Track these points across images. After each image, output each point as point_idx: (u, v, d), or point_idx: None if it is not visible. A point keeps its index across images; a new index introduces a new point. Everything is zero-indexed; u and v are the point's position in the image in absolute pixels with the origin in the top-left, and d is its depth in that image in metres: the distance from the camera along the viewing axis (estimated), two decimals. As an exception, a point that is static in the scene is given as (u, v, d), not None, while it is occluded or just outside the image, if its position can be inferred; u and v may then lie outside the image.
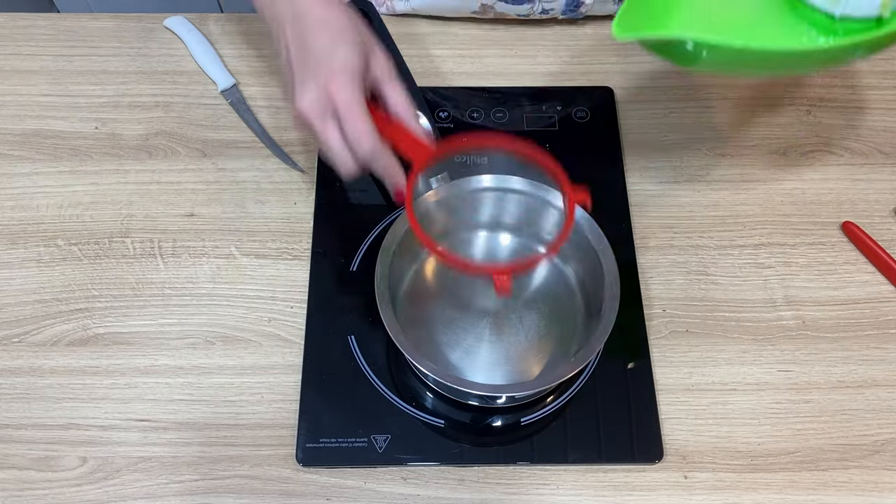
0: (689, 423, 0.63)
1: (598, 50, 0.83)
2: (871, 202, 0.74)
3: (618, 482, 0.61)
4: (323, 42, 0.56)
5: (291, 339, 0.66)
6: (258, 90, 0.79)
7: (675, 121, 0.78)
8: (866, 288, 0.69)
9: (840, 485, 0.61)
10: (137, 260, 0.70)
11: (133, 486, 0.60)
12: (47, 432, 0.62)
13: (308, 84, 0.56)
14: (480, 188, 0.66)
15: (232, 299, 0.68)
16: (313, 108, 0.56)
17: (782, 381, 0.65)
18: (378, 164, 0.57)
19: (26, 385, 0.64)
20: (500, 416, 0.64)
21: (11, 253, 0.70)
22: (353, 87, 0.55)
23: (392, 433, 0.62)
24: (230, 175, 0.74)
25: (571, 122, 0.77)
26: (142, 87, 0.79)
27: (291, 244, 0.71)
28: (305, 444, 0.61)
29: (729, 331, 0.67)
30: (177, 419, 0.63)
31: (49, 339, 0.66)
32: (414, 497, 0.60)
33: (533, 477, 0.61)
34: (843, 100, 0.79)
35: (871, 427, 0.63)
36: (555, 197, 0.64)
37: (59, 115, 0.77)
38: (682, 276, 0.70)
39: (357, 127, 0.55)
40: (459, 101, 0.78)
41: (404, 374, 0.65)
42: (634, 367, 0.65)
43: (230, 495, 0.60)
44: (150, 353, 0.66)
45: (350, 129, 0.55)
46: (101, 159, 0.75)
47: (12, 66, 0.80)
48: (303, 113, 0.56)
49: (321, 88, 0.55)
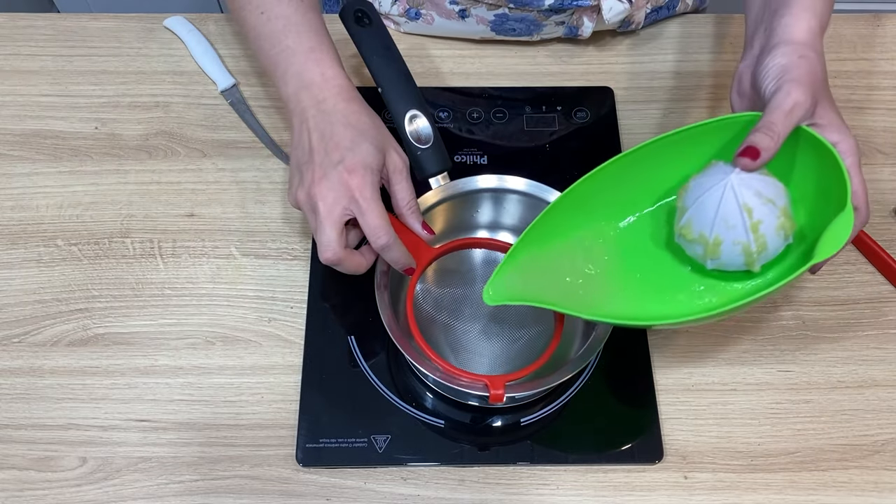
0: (689, 423, 0.63)
1: (598, 50, 0.83)
2: (871, 202, 0.73)
3: (618, 482, 0.61)
4: (346, 136, 0.59)
5: (291, 339, 0.66)
6: (258, 90, 0.79)
7: (675, 121, 0.78)
8: (866, 288, 0.69)
9: (840, 485, 0.61)
10: (137, 260, 0.70)
11: (133, 487, 0.60)
12: (47, 432, 0.62)
13: (326, 170, 0.58)
14: (480, 188, 0.66)
15: (232, 299, 0.68)
16: (326, 191, 0.58)
17: (782, 381, 0.65)
18: (392, 253, 0.60)
19: (26, 385, 0.64)
20: (500, 416, 0.64)
21: (11, 253, 0.70)
22: (373, 183, 0.58)
23: (392, 433, 0.62)
24: (230, 175, 0.74)
25: (571, 122, 0.77)
26: (142, 87, 0.79)
27: (291, 244, 0.71)
28: (305, 445, 0.61)
29: (729, 331, 0.67)
30: (177, 419, 0.63)
31: (49, 339, 0.66)
32: (414, 497, 0.60)
33: (533, 477, 0.61)
34: (842, 100, 0.79)
35: (871, 427, 0.63)
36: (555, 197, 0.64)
37: (58, 116, 0.77)
38: (682, 277, 0.70)
39: (375, 221, 0.58)
40: (459, 101, 0.78)
41: (404, 374, 0.65)
42: (634, 367, 0.65)
43: (230, 495, 0.60)
44: (150, 354, 0.65)
45: (369, 222, 0.58)
46: (101, 159, 0.75)
47: (12, 66, 0.80)
48: (312, 194, 0.58)
49: (341, 177, 0.58)
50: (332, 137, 0.60)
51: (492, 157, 0.75)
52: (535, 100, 0.79)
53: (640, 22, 0.81)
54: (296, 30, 0.63)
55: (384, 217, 0.58)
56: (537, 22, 0.78)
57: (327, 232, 0.58)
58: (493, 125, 0.77)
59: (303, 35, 0.63)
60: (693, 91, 0.80)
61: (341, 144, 0.59)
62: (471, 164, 0.75)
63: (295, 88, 0.62)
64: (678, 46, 0.83)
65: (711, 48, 0.83)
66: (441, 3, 0.78)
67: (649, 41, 0.84)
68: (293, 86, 0.62)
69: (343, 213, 0.58)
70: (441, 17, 0.80)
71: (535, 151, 0.76)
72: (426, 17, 0.80)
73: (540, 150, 0.76)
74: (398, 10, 0.81)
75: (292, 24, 0.64)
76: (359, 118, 0.61)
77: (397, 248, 0.59)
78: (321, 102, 0.61)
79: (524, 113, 0.78)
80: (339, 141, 0.59)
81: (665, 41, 0.84)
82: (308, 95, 0.61)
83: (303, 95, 0.62)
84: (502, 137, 0.76)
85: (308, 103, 0.61)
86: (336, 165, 0.58)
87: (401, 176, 0.61)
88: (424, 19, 0.81)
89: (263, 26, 0.65)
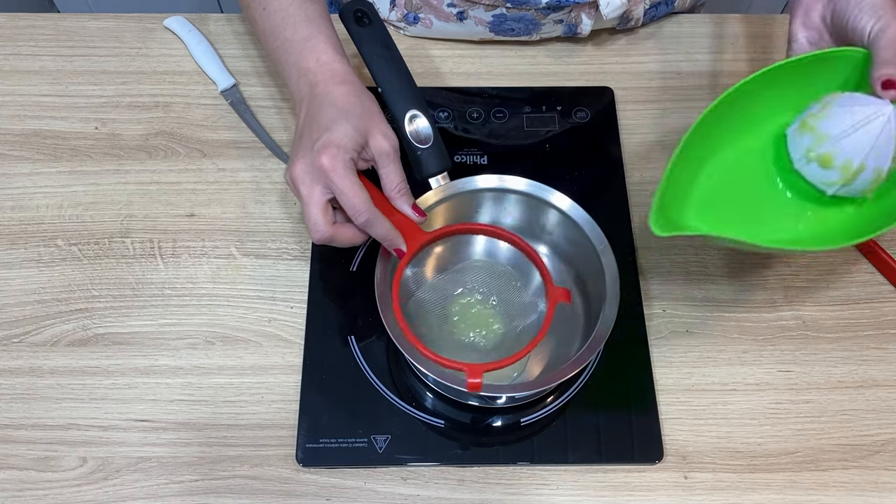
0: (689, 424, 0.63)
1: (598, 50, 0.83)
2: (871, 202, 0.74)
3: (618, 482, 0.61)
4: (327, 117, 0.60)
5: (291, 339, 0.66)
6: (258, 90, 0.79)
7: (675, 121, 0.78)
8: (866, 288, 0.69)
9: (840, 485, 0.61)
10: (137, 260, 0.70)
11: (133, 487, 0.60)
12: (47, 432, 0.62)
13: (304, 152, 0.59)
14: (480, 188, 0.66)
15: (232, 299, 0.68)
16: (302, 174, 0.58)
17: (782, 382, 0.65)
18: (376, 230, 0.59)
19: (26, 385, 0.64)
20: (500, 416, 0.64)
21: (11, 253, 0.70)
22: (345, 161, 0.58)
23: (392, 433, 0.62)
24: (230, 175, 0.74)
25: (571, 122, 0.77)
26: (141, 87, 0.79)
27: (291, 244, 0.71)
28: (305, 445, 0.61)
29: (729, 331, 0.67)
30: (177, 419, 0.63)
31: (49, 339, 0.66)
32: (414, 497, 0.60)
33: (533, 477, 0.61)
34: (843, 100, 0.79)
35: (871, 427, 0.63)
36: (555, 197, 0.64)
37: (58, 115, 0.77)
38: (682, 276, 0.70)
39: (351, 200, 0.58)
40: (459, 101, 0.78)
41: (404, 374, 0.65)
42: (634, 367, 0.65)
43: (230, 495, 0.60)
44: (150, 354, 0.66)
45: (345, 200, 0.58)
46: (101, 159, 0.75)
47: (12, 66, 0.80)
48: (293, 177, 0.59)
49: (314, 158, 0.58)
50: (315, 119, 0.60)
51: (491, 157, 0.75)
52: (534, 99, 0.79)
53: (639, 18, 0.81)
54: (292, 21, 0.64)
55: (361, 194, 0.58)
56: (536, 21, 0.78)
57: (312, 213, 0.59)
58: (492, 125, 0.77)
59: (299, 25, 0.64)
60: (693, 91, 0.80)
61: (321, 125, 0.59)
62: (471, 164, 0.75)
63: (296, 78, 0.63)
64: (678, 46, 0.83)
65: (711, 48, 0.83)
66: (439, 7, 0.78)
67: (649, 41, 0.84)
68: (294, 76, 0.64)
69: (323, 193, 0.58)
70: (439, 21, 0.80)
71: (534, 151, 0.76)
72: (424, 21, 0.80)
73: (540, 149, 0.76)
74: (396, 15, 0.81)
75: (289, 15, 0.65)
76: (346, 99, 0.61)
77: (380, 224, 0.59)
78: (314, 86, 0.62)
79: (524, 113, 0.78)
80: (320, 121, 0.60)
81: (665, 41, 0.84)
82: (305, 82, 0.62)
83: (301, 84, 0.63)
84: (502, 137, 0.76)
85: (305, 90, 0.62)
86: (313, 146, 0.59)
87: (388, 159, 0.61)
88: (423, 23, 0.81)
89: (265, 21, 0.66)
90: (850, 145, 0.57)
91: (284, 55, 0.64)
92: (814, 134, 0.58)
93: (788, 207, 0.62)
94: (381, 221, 0.59)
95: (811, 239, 0.61)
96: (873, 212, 0.60)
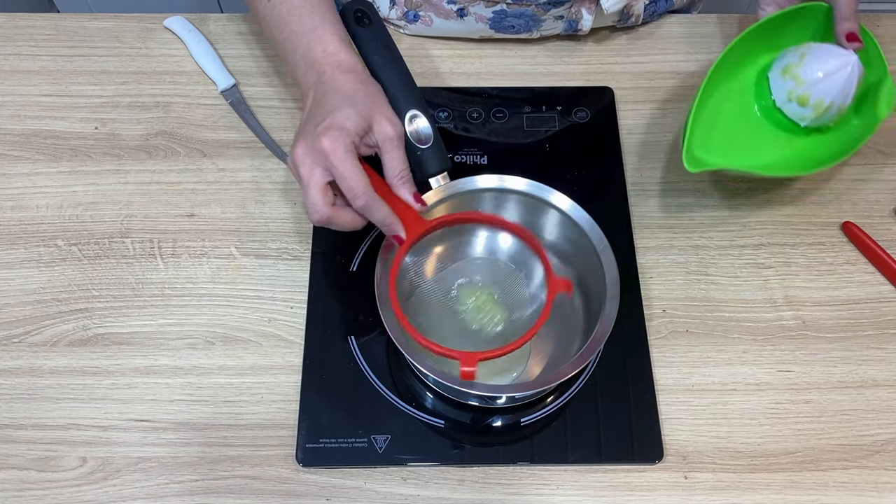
0: (689, 424, 0.63)
1: (598, 50, 0.83)
2: (871, 202, 0.74)
3: (618, 482, 0.61)
4: (331, 103, 0.60)
5: (291, 339, 0.66)
6: (258, 90, 0.79)
7: (675, 121, 0.78)
8: (866, 288, 0.69)
9: (840, 485, 0.61)
10: (137, 260, 0.70)
11: (133, 487, 0.60)
12: (47, 432, 0.62)
13: (306, 135, 0.59)
14: (480, 188, 0.66)
15: (232, 299, 0.68)
16: (303, 155, 0.59)
17: (782, 382, 0.65)
18: (374, 215, 0.59)
19: (26, 385, 0.64)
20: (500, 416, 0.64)
21: (11, 253, 0.70)
22: (345, 144, 0.58)
23: (392, 433, 0.62)
24: (230, 175, 0.74)
25: (571, 121, 0.77)
26: (141, 87, 0.79)
27: (291, 244, 0.71)
28: (305, 445, 0.61)
29: (729, 331, 0.67)
30: (177, 419, 0.63)
31: (49, 339, 0.66)
32: (414, 497, 0.60)
33: (533, 477, 0.61)
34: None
35: (871, 427, 0.63)
36: (555, 197, 0.64)
37: (58, 116, 0.77)
38: (682, 276, 0.70)
39: (349, 182, 0.58)
40: (459, 101, 0.78)
41: (404, 374, 0.65)
42: (634, 367, 0.65)
43: (230, 495, 0.60)
44: (150, 354, 0.66)
45: (343, 183, 0.58)
46: (101, 159, 0.75)
47: (12, 66, 0.80)
48: (293, 159, 0.59)
49: (315, 140, 0.58)
50: (320, 105, 0.60)
51: (491, 157, 0.75)
52: (534, 99, 0.79)
53: (639, 14, 0.81)
54: (298, 13, 0.65)
55: (360, 177, 0.58)
56: (536, 17, 0.78)
57: (311, 194, 0.59)
58: (492, 125, 0.77)
59: (305, 17, 0.64)
60: (693, 91, 0.80)
61: (326, 109, 0.60)
62: (471, 164, 0.75)
63: (303, 69, 0.64)
64: (678, 46, 0.83)
65: (711, 48, 0.83)
66: (439, 4, 0.78)
67: (649, 41, 0.84)
68: (301, 67, 0.64)
69: (323, 175, 0.58)
70: (440, 18, 0.80)
71: (534, 151, 0.76)
72: (424, 19, 0.80)
73: (540, 149, 0.76)
74: (396, 13, 0.81)
75: (295, 7, 0.65)
76: (352, 86, 0.61)
77: (378, 208, 0.59)
78: (321, 75, 0.62)
79: (524, 112, 0.78)
80: (325, 106, 0.60)
81: (665, 41, 0.84)
82: (312, 72, 0.63)
83: (309, 74, 0.63)
84: (502, 137, 0.76)
85: (312, 80, 0.63)
86: (315, 129, 0.59)
87: (391, 145, 0.61)
88: (423, 21, 0.81)
89: (271, 14, 0.66)
90: (824, 88, 0.69)
91: (291, 47, 0.65)
92: (795, 80, 0.70)
93: (768, 137, 0.74)
94: (379, 206, 0.59)
95: (788, 162, 0.73)
96: (834, 138, 0.73)
